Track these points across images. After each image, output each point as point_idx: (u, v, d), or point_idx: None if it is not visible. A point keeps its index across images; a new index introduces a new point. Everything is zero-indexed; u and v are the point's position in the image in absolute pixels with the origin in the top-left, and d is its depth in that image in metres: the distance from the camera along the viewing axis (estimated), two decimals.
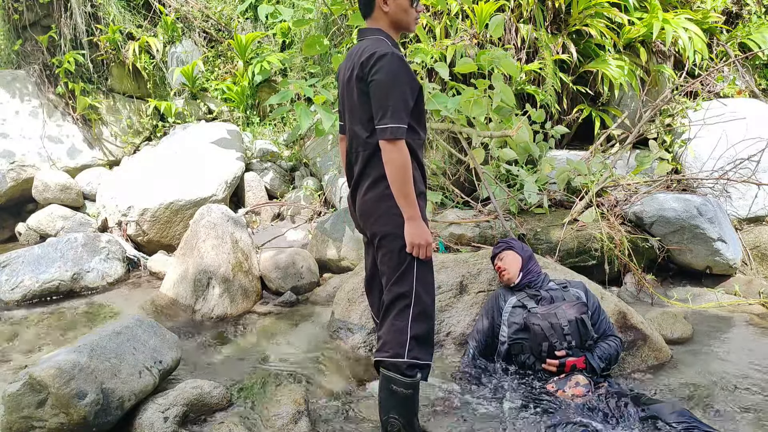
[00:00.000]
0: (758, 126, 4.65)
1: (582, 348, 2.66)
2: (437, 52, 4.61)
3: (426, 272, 2.20)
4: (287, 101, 4.89)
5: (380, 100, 2.08)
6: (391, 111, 2.06)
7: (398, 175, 2.07)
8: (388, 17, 2.26)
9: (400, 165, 2.06)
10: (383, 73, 2.08)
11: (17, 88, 5.87)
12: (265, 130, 6.34)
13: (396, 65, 2.09)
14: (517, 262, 2.90)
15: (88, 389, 2.16)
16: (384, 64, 2.08)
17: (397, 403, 2.17)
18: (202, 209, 4.13)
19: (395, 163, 2.07)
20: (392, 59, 2.09)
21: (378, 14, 2.26)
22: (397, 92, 2.08)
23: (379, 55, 2.09)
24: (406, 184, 2.08)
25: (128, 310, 3.83)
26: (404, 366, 2.13)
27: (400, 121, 2.07)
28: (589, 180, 4.33)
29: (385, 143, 2.07)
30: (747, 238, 4.36)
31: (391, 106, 2.06)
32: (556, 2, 4.93)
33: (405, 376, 2.13)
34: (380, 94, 2.08)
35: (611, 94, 5.10)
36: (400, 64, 2.10)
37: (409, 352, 2.13)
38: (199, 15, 6.73)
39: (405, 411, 2.17)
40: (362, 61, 2.13)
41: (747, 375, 2.89)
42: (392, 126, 2.06)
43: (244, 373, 2.88)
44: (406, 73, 2.11)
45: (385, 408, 2.20)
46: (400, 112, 2.07)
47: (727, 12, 5.68)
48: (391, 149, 2.07)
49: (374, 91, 2.10)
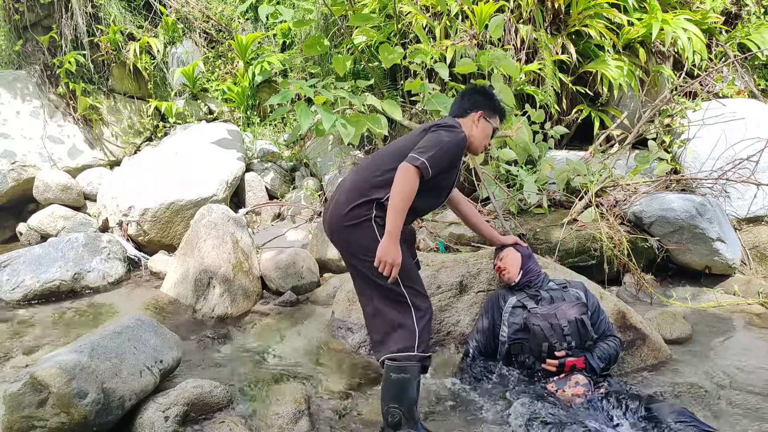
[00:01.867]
0: (757, 126, 4.66)
1: (582, 348, 2.66)
2: (437, 52, 4.62)
3: (411, 272, 2.40)
4: (288, 101, 4.90)
5: (429, 143, 2.34)
6: (432, 156, 2.29)
7: (405, 193, 2.26)
8: (469, 127, 2.59)
9: (407, 190, 2.26)
10: (446, 134, 2.38)
11: (18, 88, 5.89)
12: (266, 131, 6.35)
13: (457, 140, 2.40)
14: (516, 262, 2.91)
15: (89, 389, 2.17)
16: (451, 132, 2.41)
17: (397, 393, 2.28)
18: (203, 209, 4.14)
19: (405, 187, 2.26)
20: (459, 135, 2.42)
21: (467, 122, 2.59)
22: (444, 151, 2.34)
23: (451, 125, 2.45)
24: (404, 207, 2.26)
25: (129, 309, 3.84)
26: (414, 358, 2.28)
27: (432, 166, 2.29)
28: (588, 180, 4.34)
29: (410, 168, 2.26)
30: (746, 238, 4.37)
31: (435, 155, 2.30)
32: (555, 3, 4.94)
33: (405, 365, 2.28)
34: (433, 141, 2.35)
35: (610, 94, 5.11)
36: (459, 142, 2.41)
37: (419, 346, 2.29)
38: (200, 15, 6.74)
39: (405, 400, 2.28)
40: (437, 122, 2.49)
41: (746, 374, 2.90)
42: (425, 161, 2.27)
43: (245, 373, 2.88)
44: (458, 149, 2.42)
45: (385, 399, 2.30)
46: (438, 164, 2.32)
47: (726, 12, 5.68)
48: (409, 174, 2.26)
49: (429, 137, 2.37)
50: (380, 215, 2.32)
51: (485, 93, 2.68)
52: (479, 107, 2.61)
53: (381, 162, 2.43)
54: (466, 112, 2.61)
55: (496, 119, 2.66)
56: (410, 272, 2.39)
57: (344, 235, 2.37)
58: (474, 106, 2.61)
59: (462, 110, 2.63)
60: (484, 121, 2.61)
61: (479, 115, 2.60)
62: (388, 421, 2.28)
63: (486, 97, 2.65)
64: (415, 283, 2.39)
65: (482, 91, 2.70)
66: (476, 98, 2.64)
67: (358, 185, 2.39)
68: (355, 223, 2.33)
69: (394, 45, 4.62)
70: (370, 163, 2.48)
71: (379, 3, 4.96)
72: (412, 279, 2.38)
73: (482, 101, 2.63)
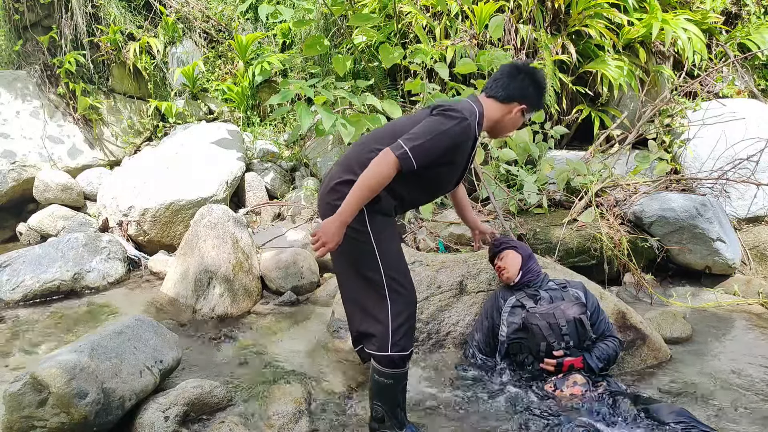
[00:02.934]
0: (757, 126, 4.66)
1: (580, 348, 2.67)
2: (437, 52, 4.62)
3: (396, 261, 2.23)
4: (288, 101, 4.90)
5: (423, 129, 2.10)
6: (420, 146, 2.07)
7: (372, 181, 2.05)
8: (505, 116, 2.31)
9: (377, 181, 2.06)
10: (444, 122, 2.11)
11: (18, 88, 5.88)
12: (266, 131, 6.35)
13: (457, 131, 2.12)
14: (516, 262, 2.91)
15: (89, 389, 2.17)
16: (452, 119, 2.12)
17: (378, 392, 2.27)
18: (203, 209, 4.14)
19: (376, 175, 2.05)
20: (461, 124, 2.12)
21: (504, 108, 2.31)
22: (436, 142, 2.09)
23: (455, 109, 2.14)
24: (369, 190, 2.06)
25: (129, 309, 3.84)
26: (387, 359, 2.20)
27: (418, 157, 2.07)
28: (588, 180, 4.34)
29: (389, 156, 2.06)
30: (746, 238, 4.37)
31: (424, 144, 2.07)
32: (555, 3, 4.94)
33: (387, 367, 2.21)
34: (427, 128, 2.10)
35: (610, 94, 5.11)
36: (460, 133, 2.13)
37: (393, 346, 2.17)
38: (200, 15, 6.74)
39: (385, 400, 2.27)
40: (441, 104, 2.21)
41: (746, 374, 2.90)
42: (407, 151, 2.06)
43: (245, 373, 2.88)
44: (457, 141, 2.15)
45: (370, 393, 2.33)
46: (427, 155, 2.09)
47: (727, 12, 5.68)
48: (385, 163, 2.06)
49: (426, 123, 2.13)
50: (373, 206, 2.16)
51: (539, 85, 2.33)
52: (526, 100, 2.31)
53: (374, 139, 2.25)
54: (510, 98, 2.30)
55: (532, 114, 2.40)
56: (396, 262, 2.22)
57: (327, 211, 2.18)
58: (522, 96, 2.30)
59: (506, 95, 2.29)
60: (521, 116, 2.33)
61: (520, 109, 2.31)
62: (373, 414, 2.32)
63: (537, 90, 2.33)
64: (399, 274, 2.21)
65: (537, 80, 2.33)
66: (528, 88, 2.30)
67: (348, 160, 2.25)
68: (336, 200, 2.14)
69: (394, 45, 4.62)
70: (366, 139, 2.32)
71: (379, 3, 4.96)
72: (396, 269, 2.21)
73: (532, 94, 2.32)
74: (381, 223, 2.20)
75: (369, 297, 2.20)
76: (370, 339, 2.24)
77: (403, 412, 2.32)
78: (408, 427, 2.30)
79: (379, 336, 2.18)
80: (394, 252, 2.24)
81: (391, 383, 2.23)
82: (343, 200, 2.06)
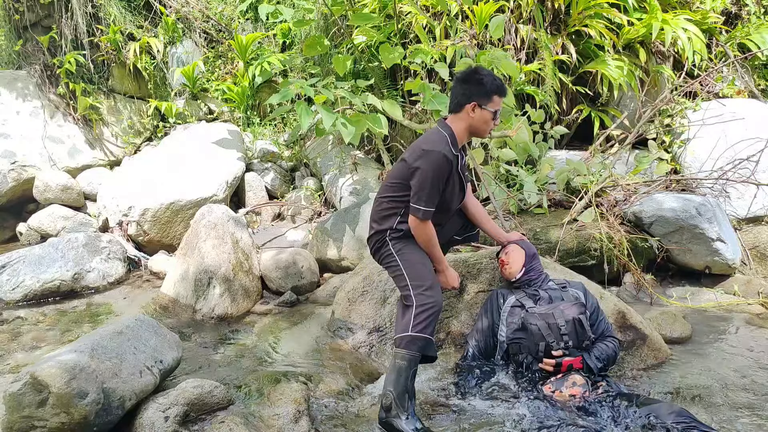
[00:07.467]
0: (757, 126, 4.65)
1: (579, 348, 2.66)
2: (437, 52, 4.62)
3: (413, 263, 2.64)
4: (288, 101, 4.90)
5: (418, 184, 2.53)
6: (426, 196, 2.52)
7: (425, 245, 2.67)
8: (468, 120, 2.61)
9: (426, 239, 2.64)
10: (425, 166, 2.51)
11: (18, 88, 5.89)
12: (266, 131, 6.35)
13: (437, 164, 2.51)
14: (520, 258, 2.91)
15: (89, 389, 2.17)
16: (427, 159, 2.52)
17: (394, 377, 2.45)
18: (203, 209, 4.14)
19: (423, 238, 2.64)
20: (434, 156, 2.51)
21: (463, 115, 2.62)
22: (432, 184, 2.52)
23: (425, 150, 2.55)
24: (434, 248, 2.68)
25: (129, 309, 3.84)
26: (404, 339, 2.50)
27: (431, 206, 2.54)
28: (588, 180, 4.34)
29: (416, 220, 2.57)
30: (746, 238, 4.37)
31: (428, 193, 2.52)
32: (555, 3, 4.94)
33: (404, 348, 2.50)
34: (420, 181, 2.53)
35: (610, 94, 5.11)
36: (440, 165, 2.52)
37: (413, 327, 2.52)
38: (200, 15, 6.74)
39: (397, 386, 2.43)
40: (412, 152, 2.62)
41: (746, 374, 2.90)
42: (424, 209, 2.54)
43: (245, 373, 2.88)
44: (442, 171, 2.54)
45: (385, 381, 2.49)
46: (434, 197, 2.54)
47: (727, 12, 5.68)
48: (419, 226, 2.59)
49: (417, 179, 2.54)
50: (393, 235, 2.68)
51: (472, 80, 2.57)
52: (471, 98, 2.56)
53: (381, 194, 2.75)
54: (460, 106, 2.59)
55: (493, 100, 2.57)
56: (417, 270, 2.62)
57: (372, 252, 2.82)
58: (467, 98, 2.57)
59: (456, 105, 2.61)
60: (480, 110, 2.56)
61: (473, 106, 2.56)
62: (383, 402, 2.42)
63: (475, 84, 2.56)
64: (421, 279, 2.59)
65: (469, 78, 2.58)
66: (466, 88, 2.58)
67: (372, 215, 2.79)
68: (376, 247, 2.76)
69: (394, 45, 4.62)
70: (378, 193, 2.79)
71: (379, 3, 4.96)
72: (418, 276, 2.60)
73: (473, 90, 2.56)
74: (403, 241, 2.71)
75: (403, 301, 2.65)
76: (396, 329, 2.60)
77: (410, 401, 2.44)
78: (412, 415, 2.39)
79: (404, 326, 2.52)
80: (415, 262, 2.65)
81: (404, 365, 2.46)
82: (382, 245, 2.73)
